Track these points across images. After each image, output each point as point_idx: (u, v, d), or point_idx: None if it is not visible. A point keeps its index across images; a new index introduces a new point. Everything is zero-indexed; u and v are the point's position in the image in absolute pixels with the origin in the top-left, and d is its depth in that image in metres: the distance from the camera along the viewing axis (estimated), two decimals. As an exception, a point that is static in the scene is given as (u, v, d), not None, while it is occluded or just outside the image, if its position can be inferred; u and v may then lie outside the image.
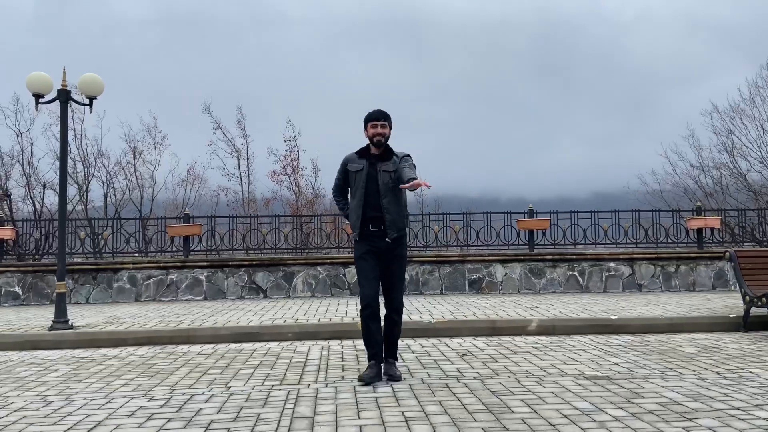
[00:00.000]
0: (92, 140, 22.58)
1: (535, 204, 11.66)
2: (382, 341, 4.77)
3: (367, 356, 4.79)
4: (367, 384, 4.56)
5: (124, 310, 9.27)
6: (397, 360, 4.95)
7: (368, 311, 4.66)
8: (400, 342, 6.33)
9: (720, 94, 40.60)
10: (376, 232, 4.73)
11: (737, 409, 3.77)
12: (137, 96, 36.72)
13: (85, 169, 21.44)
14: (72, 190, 20.49)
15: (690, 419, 3.58)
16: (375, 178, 4.75)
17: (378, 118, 4.79)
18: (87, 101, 7.86)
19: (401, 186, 4.58)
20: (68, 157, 11.17)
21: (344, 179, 4.94)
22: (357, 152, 4.89)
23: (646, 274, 11.05)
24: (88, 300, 10.75)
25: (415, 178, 4.46)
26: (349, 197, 4.99)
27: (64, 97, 7.63)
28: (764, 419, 3.55)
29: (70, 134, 20.17)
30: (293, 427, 3.57)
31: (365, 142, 4.90)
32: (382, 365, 4.79)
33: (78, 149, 21.22)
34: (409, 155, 4.84)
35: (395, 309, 4.81)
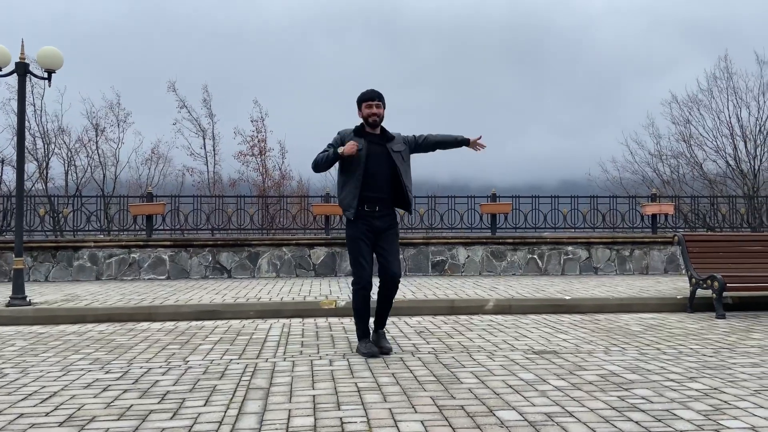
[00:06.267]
0: (52, 116, 22.04)
1: (505, 191, 11.93)
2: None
3: (357, 334, 4.90)
4: (375, 356, 4.70)
5: (84, 288, 9.19)
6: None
7: (365, 291, 4.75)
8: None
9: (680, 85, 41.56)
10: (372, 212, 4.74)
11: (672, 380, 4.01)
12: (99, 72, 35.79)
13: (45, 145, 20.94)
14: (31, 167, 20.02)
15: (626, 389, 3.79)
16: (382, 157, 4.74)
17: (372, 98, 4.78)
18: (46, 75, 7.72)
19: (473, 140, 5.04)
20: (27, 133, 10.91)
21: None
22: (353, 130, 4.83)
23: (602, 258, 11.41)
24: (47, 278, 10.60)
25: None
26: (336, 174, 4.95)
27: (23, 70, 7.49)
28: (696, 390, 3.78)
29: (30, 110, 19.62)
30: (248, 397, 3.67)
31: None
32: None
33: (38, 125, 20.70)
34: (400, 134, 4.95)
35: (395, 283, 4.84)
